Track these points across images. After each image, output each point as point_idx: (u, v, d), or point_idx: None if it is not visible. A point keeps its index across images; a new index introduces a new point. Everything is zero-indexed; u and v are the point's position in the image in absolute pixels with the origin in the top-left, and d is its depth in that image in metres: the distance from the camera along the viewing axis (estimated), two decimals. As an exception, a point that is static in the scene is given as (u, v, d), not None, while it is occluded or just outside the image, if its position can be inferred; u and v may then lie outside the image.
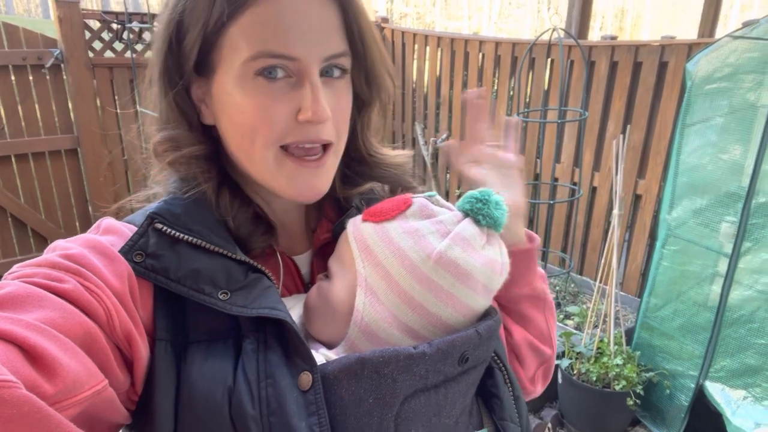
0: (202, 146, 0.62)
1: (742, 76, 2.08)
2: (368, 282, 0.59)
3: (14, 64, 3.38)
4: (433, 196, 0.65)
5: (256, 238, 0.63)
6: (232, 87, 0.57)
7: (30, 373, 0.40)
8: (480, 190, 0.62)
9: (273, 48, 0.55)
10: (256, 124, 0.57)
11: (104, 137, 3.72)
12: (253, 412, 0.50)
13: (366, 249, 0.60)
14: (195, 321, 0.56)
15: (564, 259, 3.55)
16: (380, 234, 0.60)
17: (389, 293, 0.58)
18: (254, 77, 0.56)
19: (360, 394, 0.52)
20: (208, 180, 0.62)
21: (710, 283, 2.21)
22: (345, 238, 0.63)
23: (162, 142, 0.62)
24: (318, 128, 0.58)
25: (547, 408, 2.60)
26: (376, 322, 0.58)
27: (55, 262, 0.49)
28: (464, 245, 0.58)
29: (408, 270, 0.57)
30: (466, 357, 0.57)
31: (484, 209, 0.61)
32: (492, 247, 0.61)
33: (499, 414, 0.63)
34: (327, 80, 0.59)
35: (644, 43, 3.04)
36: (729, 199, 2.12)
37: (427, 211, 0.61)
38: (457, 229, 0.59)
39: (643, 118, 3.04)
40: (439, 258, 0.57)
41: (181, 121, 0.62)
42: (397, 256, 0.58)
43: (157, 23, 0.61)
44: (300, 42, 0.55)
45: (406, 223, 0.60)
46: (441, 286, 0.57)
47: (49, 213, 3.74)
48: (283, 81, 0.57)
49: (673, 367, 2.35)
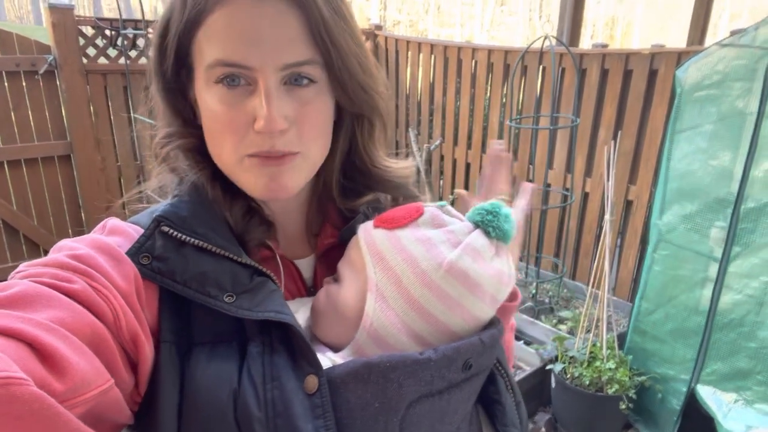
0: (193, 139, 0.63)
1: (730, 83, 2.11)
2: (379, 287, 0.59)
3: (7, 70, 3.37)
4: (443, 206, 0.65)
5: (253, 230, 0.63)
6: (202, 91, 0.59)
7: (40, 371, 0.40)
8: (490, 202, 0.63)
9: (227, 56, 0.55)
10: (221, 131, 0.58)
11: (98, 143, 3.71)
12: (259, 414, 0.51)
13: (378, 255, 0.60)
14: (200, 323, 0.56)
15: (557, 264, 3.58)
16: (392, 241, 0.60)
17: (399, 300, 0.59)
18: (215, 84, 0.57)
19: (366, 399, 0.53)
20: (201, 171, 0.63)
21: (701, 288, 2.24)
22: (356, 243, 0.63)
23: (160, 139, 0.64)
24: (273, 138, 0.57)
25: (540, 412, 2.61)
26: (385, 328, 0.59)
27: (63, 263, 0.50)
28: (474, 256, 0.59)
29: (419, 278, 0.58)
30: (470, 364, 0.57)
31: (494, 221, 0.62)
32: (500, 259, 0.62)
33: (501, 420, 0.64)
34: (292, 88, 0.58)
35: (635, 51, 3.08)
36: (719, 204, 2.15)
37: (439, 220, 0.62)
38: (468, 240, 0.60)
39: (633, 125, 3.07)
40: (450, 267, 0.58)
41: (176, 119, 0.64)
42: (408, 263, 0.59)
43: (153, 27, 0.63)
44: (254, 50, 0.55)
45: (418, 231, 0.61)
46: (450, 295, 0.58)
47: (42, 219, 3.72)
48: (243, 89, 0.57)
49: (665, 371, 2.37)
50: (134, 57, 3.72)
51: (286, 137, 0.58)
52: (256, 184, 0.60)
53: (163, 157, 0.64)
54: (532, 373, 2.52)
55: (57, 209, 3.77)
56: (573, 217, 3.47)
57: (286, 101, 0.57)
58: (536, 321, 2.91)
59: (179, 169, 0.65)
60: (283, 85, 0.57)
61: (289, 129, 0.57)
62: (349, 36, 0.60)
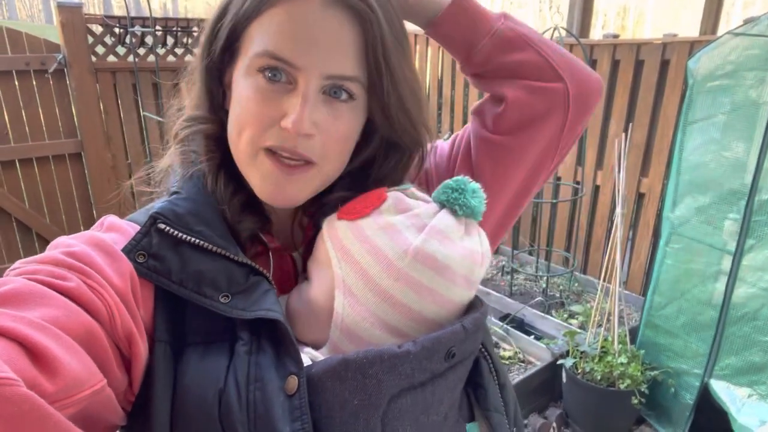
0: (212, 125, 0.64)
1: (743, 73, 2.07)
2: (346, 282, 0.58)
3: (18, 69, 3.39)
4: (407, 188, 0.64)
5: (246, 221, 0.63)
6: (240, 77, 0.59)
7: (31, 371, 0.40)
8: (455, 179, 0.61)
9: (277, 50, 0.55)
10: (246, 118, 0.58)
11: (108, 141, 3.73)
12: (240, 415, 0.50)
13: (342, 248, 0.59)
14: (194, 323, 0.56)
15: (567, 258, 3.55)
16: (355, 232, 0.59)
17: (368, 293, 0.57)
18: (256, 73, 0.57)
19: (345, 396, 0.52)
20: (210, 159, 0.63)
21: (714, 281, 2.21)
22: (321, 238, 0.62)
23: (182, 121, 0.66)
24: (297, 140, 0.57)
25: (551, 407, 2.59)
26: (356, 323, 0.57)
27: (58, 260, 0.49)
28: (441, 238, 0.57)
29: (385, 268, 0.56)
30: (452, 353, 0.56)
31: (461, 199, 0.60)
32: (471, 237, 0.60)
33: (483, 404, 0.63)
34: (329, 99, 0.58)
35: (646, 41, 3.04)
36: (732, 196, 2.12)
37: (402, 205, 0.60)
38: (434, 222, 0.58)
39: (645, 116, 3.03)
40: (416, 253, 0.56)
41: (206, 100, 0.64)
42: (373, 254, 0.57)
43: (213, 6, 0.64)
44: (305, 52, 0.55)
45: (381, 218, 0.59)
46: (420, 282, 0.56)
47: (54, 217, 3.75)
48: (282, 85, 0.57)
49: (678, 365, 2.34)
50: (143, 54, 3.73)
51: (310, 143, 0.58)
52: (262, 186, 0.60)
53: (182, 138, 0.65)
54: (542, 368, 2.51)
55: (69, 207, 3.80)
56: (584, 210, 3.44)
57: (320, 109, 0.58)
58: (547, 316, 2.89)
59: (188, 153, 0.66)
60: (321, 93, 0.58)
61: (314, 136, 0.58)
62: (405, 63, 0.60)
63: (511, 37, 0.70)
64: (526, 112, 0.70)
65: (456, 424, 0.60)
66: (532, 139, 0.71)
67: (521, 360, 2.68)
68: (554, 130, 0.71)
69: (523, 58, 0.70)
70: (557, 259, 3.64)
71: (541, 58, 0.70)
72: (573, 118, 0.71)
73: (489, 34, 0.70)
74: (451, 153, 0.78)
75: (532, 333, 2.88)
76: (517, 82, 0.70)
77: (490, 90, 0.73)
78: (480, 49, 0.70)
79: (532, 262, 3.59)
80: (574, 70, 0.71)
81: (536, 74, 0.70)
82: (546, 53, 0.70)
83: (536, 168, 0.74)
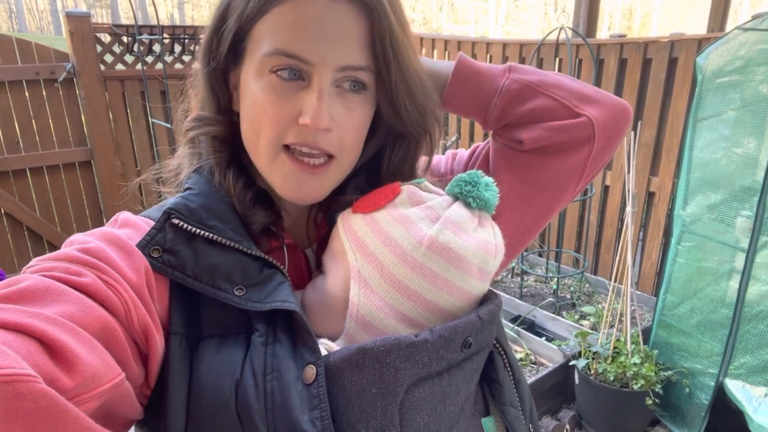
0: (220, 127, 0.64)
1: (753, 68, 2.05)
2: (361, 274, 0.59)
3: (27, 78, 3.43)
4: (421, 182, 0.64)
5: (257, 213, 0.63)
6: (251, 78, 0.59)
7: (49, 366, 0.40)
8: (468, 172, 0.62)
9: (289, 48, 0.56)
10: (263, 119, 0.58)
11: (117, 149, 3.76)
12: (257, 405, 0.50)
13: (357, 241, 0.60)
14: (209, 316, 0.56)
15: (578, 259, 3.53)
16: (370, 224, 0.59)
17: (383, 283, 0.58)
18: (269, 73, 0.57)
19: (363, 384, 0.52)
20: (217, 157, 0.64)
21: (727, 279, 2.18)
22: (336, 231, 0.63)
23: (189, 122, 0.66)
24: (317, 135, 0.58)
25: (564, 409, 2.57)
26: (372, 314, 0.58)
27: (74, 256, 0.50)
28: (455, 229, 0.58)
29: (400, 258, 0.57)
30: (468, 342, 0.57)
31: (474, 191, 0.60)
32: (484, 229, 0.61)
33: (499, 399, 0.63)
34: (342, 92, 0.59)
35: (653, 39, 3.02)
36: (744, 193, 2.10)
37: (416, 197, 0.61)
38: (447, 214, 0.59)
39: (654, 115, 3.02)
40: (431, 244, 0.57)
41: (212, 102, 0.65)
42: (388, 245, 0.58)
43: (212, 9, 0.64)
44: (316, 47, 0.55)
45: (395, 211, 0.60)
46: (435, 272, 0.57)
47: (65, 225, 3.78)
48: (296, 82, 0.57)
49: (692, 365, 2.32)
50: (151, 62, 3.76)
51: (329, 137, 0.58)
52: (283, 184, 0.61)
53: (190, 138, 0.66)
54: (554, 369, 2.49)
55: (79, 215, 3.83)
56: (593, 210, 3.42)
57: (336, 103, 0.58)
58: (558, 317, 2.87)
59: (198, 154, 0.67)
60: (335, 87, 0.58)
61: (332, 130, 0.58)
62: (412, 52, 0.61)
63: (519, 89, 0.71)
64: (551, 144, 0.71)
65: (472, 418, 0.60)
66: (557, 165, 0.73)
67: (533, 362, 2.66)
68: (580, 158, 0.72)
69: (536, 105, 0.71)
70: (567, 260, 3.62)
71: (554, 102, 0.71)
72: (600, 146, 0.72)
73: (496, 94, 0.71)
74: (469, 161, 0.80)
75: (543, 334, 2.86)
76: (537, 126, 0.71)
77: (514, 138, 0.73)
78: (493, 109, 0.72)
79: (543, 264, 3.57)
80: (596, 102, 0.72)
81: (552, 116, 0.70)
82: (557, 96, 0.71)
83: (558, 191, 0.75)
